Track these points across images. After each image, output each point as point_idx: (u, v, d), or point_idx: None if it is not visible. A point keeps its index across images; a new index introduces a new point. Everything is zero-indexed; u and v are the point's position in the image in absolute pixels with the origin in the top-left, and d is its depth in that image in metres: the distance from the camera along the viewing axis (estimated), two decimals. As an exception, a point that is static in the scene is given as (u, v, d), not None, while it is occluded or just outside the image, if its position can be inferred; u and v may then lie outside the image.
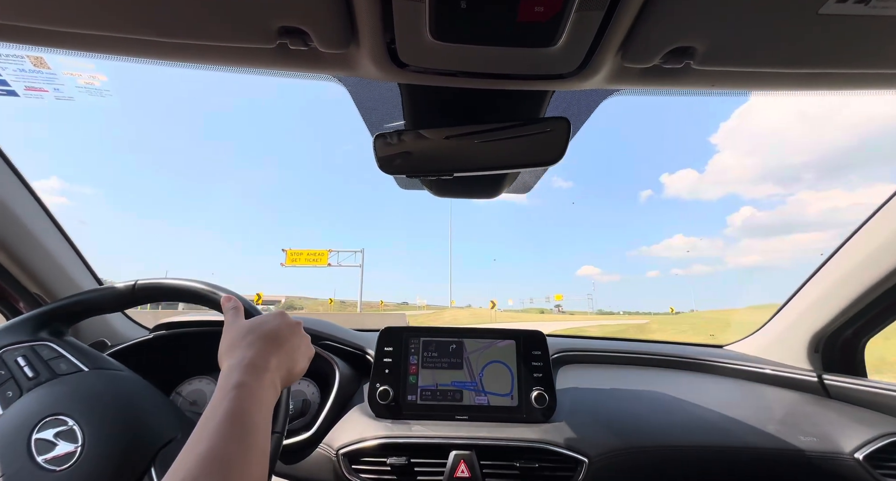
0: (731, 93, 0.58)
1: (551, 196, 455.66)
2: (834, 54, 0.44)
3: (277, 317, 0.59)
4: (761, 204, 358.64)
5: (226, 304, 0.62)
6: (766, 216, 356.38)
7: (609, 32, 0.42)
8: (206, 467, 0.37)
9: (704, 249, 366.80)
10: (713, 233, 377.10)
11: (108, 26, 0.44)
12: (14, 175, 0.83)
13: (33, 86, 0.69)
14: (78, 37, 0.47)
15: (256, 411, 0.44)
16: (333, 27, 0.43)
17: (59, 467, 0.50)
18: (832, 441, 0.84)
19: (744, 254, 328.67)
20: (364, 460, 0.80)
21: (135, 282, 0.70)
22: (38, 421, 0.53)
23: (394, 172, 0.72)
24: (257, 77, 0.59)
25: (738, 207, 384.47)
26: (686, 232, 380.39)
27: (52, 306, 0.68)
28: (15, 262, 0.86)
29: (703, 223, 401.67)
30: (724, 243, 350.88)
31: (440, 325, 0.98)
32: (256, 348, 0.51)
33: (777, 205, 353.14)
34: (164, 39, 0.45)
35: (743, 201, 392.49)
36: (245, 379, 0.46)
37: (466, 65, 0.49)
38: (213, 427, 0.41)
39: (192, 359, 0.95)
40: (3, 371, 0.59)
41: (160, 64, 0.55)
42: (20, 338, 0.63)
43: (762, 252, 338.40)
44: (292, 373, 0.55)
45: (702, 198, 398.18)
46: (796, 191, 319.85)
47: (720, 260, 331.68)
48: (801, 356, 1.13)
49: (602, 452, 0.80)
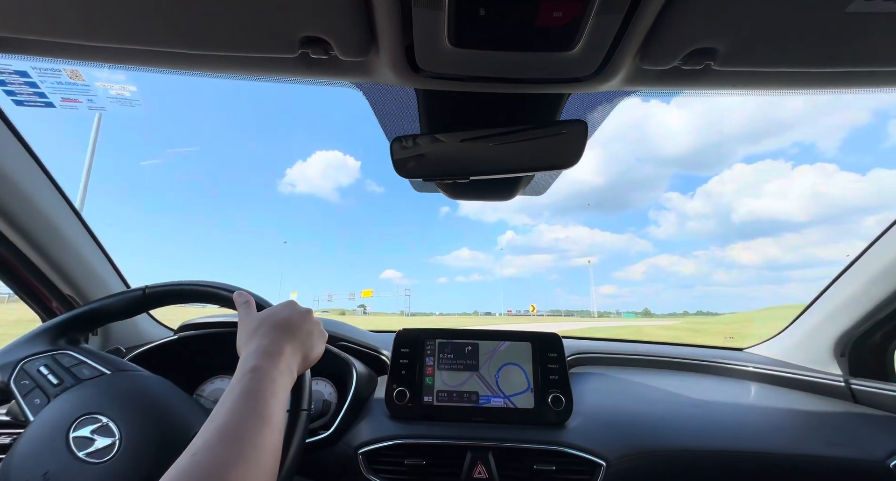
0: (751, 93, 0.57)
1: (365, 197, 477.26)
2: (861, 53, 0.43)
3: (288, 306, 0.61)
4: (518, 229, 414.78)
5: (237, 300, 0.64)
6: (521, 239, 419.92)
7: (628, 35, 0.42)
8: (221, 437, 0.40)
9: (482, 261, 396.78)
10: (488, 249, 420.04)
11: (138, 40, 0.46)
12: (48, 179, 0.86)
13: (69, 97, 0.72)
14: (110, 50, 0.49)
15: (269, 390, 0.46)
16: (354, 36, 0.44)
17: (101, 459, 0.53)
18: (862, 448, 0.81)
19: (506, 267, 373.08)
20: (383, 460, 0.81)
21: (145, 287, 0.72)
22: (73, 421, 0.56)
23: (410, 176, 0.73)
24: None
25: (505, 230, 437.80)
26: (471, 246, 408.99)
27: (66, 317, 0.70)
28: (49, 264, 0.90)
29: (483, 240, 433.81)
30: (494, 258, 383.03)
31: (449, 327, 0.98)
32: (270, 337, 0.54)
33: (528, 232, 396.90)
34: (191, 51, 0.47)
35: (508, 226, 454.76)
36: (259, 364, 0.49)
37: (484, 70, 0.49)
38: (229, 405, 0.43)
39: (215, 359, 0.98)
40: (27, 381, 0.61)
41: (187, 74, 0.57)
42: (39, 349, 0.65)
43: (517, 266, 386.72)
44: (308, 358, 0.58)
45: (483, 220, 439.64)
46: (539, 223, 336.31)
47: (491, 270, 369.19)
48: (825, 360, 1.10)
49: (621, 455, 0.80)
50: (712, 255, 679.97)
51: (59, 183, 0.88)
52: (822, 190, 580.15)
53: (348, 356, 0.98)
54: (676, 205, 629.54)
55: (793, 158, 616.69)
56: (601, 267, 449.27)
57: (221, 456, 0.38)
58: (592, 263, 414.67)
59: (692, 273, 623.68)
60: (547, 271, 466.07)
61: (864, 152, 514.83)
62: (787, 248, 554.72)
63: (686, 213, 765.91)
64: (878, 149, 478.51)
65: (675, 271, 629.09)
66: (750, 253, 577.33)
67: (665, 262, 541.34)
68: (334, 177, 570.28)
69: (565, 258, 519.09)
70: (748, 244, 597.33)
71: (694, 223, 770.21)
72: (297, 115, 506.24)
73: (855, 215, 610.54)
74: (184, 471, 0.36)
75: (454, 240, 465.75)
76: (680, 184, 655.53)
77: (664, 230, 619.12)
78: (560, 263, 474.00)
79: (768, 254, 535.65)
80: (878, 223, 0.92)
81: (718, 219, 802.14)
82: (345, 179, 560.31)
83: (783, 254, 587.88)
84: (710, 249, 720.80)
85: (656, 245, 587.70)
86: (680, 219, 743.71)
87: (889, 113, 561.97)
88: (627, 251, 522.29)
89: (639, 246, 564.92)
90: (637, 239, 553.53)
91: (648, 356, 1.20)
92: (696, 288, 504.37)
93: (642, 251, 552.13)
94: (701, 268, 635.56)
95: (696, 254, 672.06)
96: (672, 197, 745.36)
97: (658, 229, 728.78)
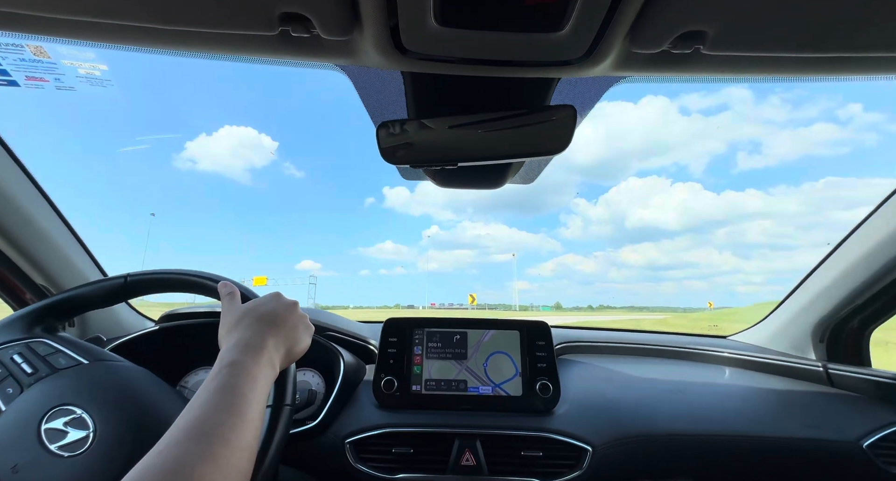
0: (740, 79, 0.57)
1: (283, 182, 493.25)
2: (853, 38, 0.43)
3: (273, 298, 0.59)
4: (443, 224, 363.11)
5: (222, 290, 0.62)
6: (445, 234, 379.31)
7: (618, 16, 0.41)
8: (188, 433, 0.37)
9: (405, 254, 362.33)
10: (412, 243, 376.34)
11: (105, 13, 0.43)
12: (15, 164, 0.82)
13: (34, 76, 0.68)
14: (74, 24, 0.46)
15: (247, 386, 0.44)
16: (336, 13, 0.42)
17: (73, 453, 0.51)
18: (837, 429, 0.84)
19: (430, 261, 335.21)
20: (370, 448, 0.81)
21: (126, 275, 0.69)
22: (46, 412, 0.54)
23: (397, 162, 0.72)
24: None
25: (429, 225, 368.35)
26: (395, 239, 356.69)
27: (42, 304, 0.67)
28: (20, 253, 0.87)
29: (408, 233, 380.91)
30: (418, 252, 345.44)
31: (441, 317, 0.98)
32: (253, 330, 0.52)
33: (452, 228, 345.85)
34: (163, 26, 0.45)
35: (433, 220, 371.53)
36: (238, 358, 0.47)
37: (471, 51, 0.48)
38: (202, 399, 0.41)
39: (198, 351, 0.96)
40: (0, 369, 0.59)
41: (159, 52, 0.54)
42: (13, 336, 0.62)
43: (440, 261, 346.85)
44: (292, 352, 0.56)
45: (410, 213, 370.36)
46: (463, 220, 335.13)
47: (414, 264, 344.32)
48: (805, 346, 1.13)
49: (606, 441, 0.81)
50: (608, 256, 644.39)
51: (28, 169, 0.84)
52: (690, 204, 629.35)
53: (335, 345, 0.97)
54: (583, 210, 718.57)
55: (672, 176, 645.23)
56: (516, 264, 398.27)
57: (187, 454, 0.36)
58: (516, 257, 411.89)
59: (592, 271, 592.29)
60: (468, 266, 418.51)
61: (720, 176, 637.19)
62: (664, 252, 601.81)
63: (590, 218, 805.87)
64: (729, 173, 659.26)
65: (578, 269, 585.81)
66: (636, 255, 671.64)
67: (571, 261, 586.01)
68: (246, 157, 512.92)
69: (486, 254, 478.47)
70: (635, 247, 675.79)
71: (595, 227, 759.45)
72: (203, 80, 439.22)
73: (712, 227, 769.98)
74: (146, 469, 0.34)
75: (379, 232, 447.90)
76: (586, 191, 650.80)
77: (572, 232, 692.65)
78: (480, 259, 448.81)
79: (650, 257, 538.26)
80: (728, 234, 0.95)
81: (614, 225, 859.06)
82: (258, 160, 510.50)
83: (660, 256, 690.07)
84: (606, 251, 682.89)
85: (564, 245, 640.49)
86: (585, 223, 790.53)
87: (738, 145, 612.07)
88: (540, 250, 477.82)
89: (550, 245, 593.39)
90: (549, 239, 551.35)
91: (634, 344, 1.22)
92: (595, 284, 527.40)
93: (552, 250, 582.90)
94: (599, 267, 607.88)
95: (595, 254, 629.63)
96: (580, 202, 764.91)
97: (567, 231, 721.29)
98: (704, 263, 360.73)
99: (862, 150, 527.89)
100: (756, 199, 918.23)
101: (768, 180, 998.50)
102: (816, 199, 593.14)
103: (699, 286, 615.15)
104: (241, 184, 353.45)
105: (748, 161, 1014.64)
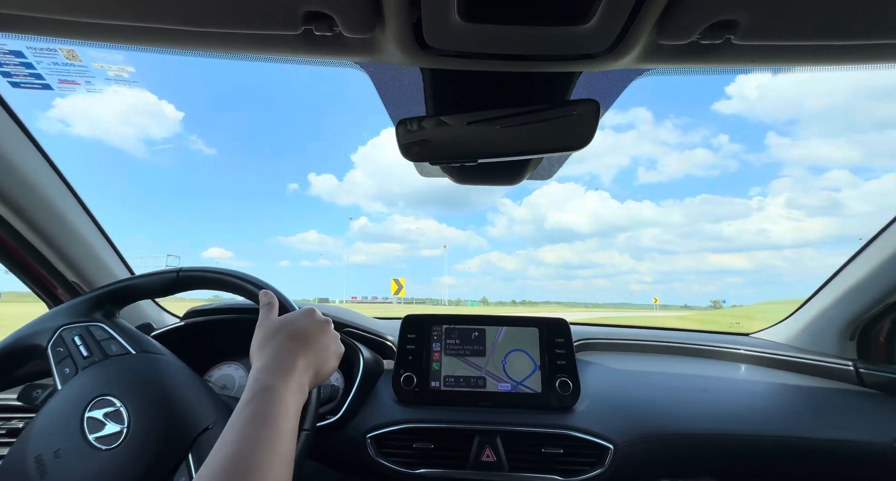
0: (771, 69, 0.55)
1: (189, 158, 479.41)
2: (892, 24, 0.41)
3: (307, 314, 0.59)
4: (373, 217, 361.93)
5: (262, 299, 0.63)
6: (375, 226, 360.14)
7: (647, 6, 0.40)
8: (229, 470, 0.39)
9: (330, 246, 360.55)
10: (339, 234, 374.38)
11: (132, 16, 0.44)
12: (49, 165, 0.85)
13: (66, 79, 0.71)
14: (105, 28, 0.47)
15: (282, 415, 0.45)
16: (359, 11, 0.42)
17: (107, 446, 0.53)
18: (869, 430, 0.81)
19: (356, 253, 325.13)
20: (391, 443, 0.82)
21: (179, 269, 0.73)
22: (91, 401, 0.56)
23: (416, 159, 0.72)
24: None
25: (359, 216, 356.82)
26: (320, 229, 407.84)
27: (105, 289, 0.72)
28: (54, 251, 0.90)
29: (335, 224, 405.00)
30: (344, 243, 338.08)
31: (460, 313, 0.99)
32: (285, 349, 0.52)
33: (382, 220, 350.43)
34: (186, 27, 0.45)
35: (363, 212, 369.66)
36: (271, 383, 0.47)
37: (494, 46, 0.47)
38: (238, 430, 0.42)
39: (221, 345, 0.98)
40: (62, 348, 0.63)
41: (183, 54, 0.55)
42: (77, 318, 0.67)
43: (368, 253, 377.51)
44: (320, 374, 0.56)
45: (337, 203, 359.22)
46: (393, 213, 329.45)
47: (340, 256, 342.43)
48: (833, 344, 1.10)
49: (628, 439, 0.80)
50: (528, 254, 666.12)
51: (60, 169, 0.87)
52: (599, 211, 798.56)
53: (355, 342, 0.98)
54: (508, 210, 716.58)
55: (586, 184, 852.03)
56: (445, 259, 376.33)
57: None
58: (447, 249, 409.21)
59: (514, 268, 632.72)
60: (396, 260, 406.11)
61: (624, 187, 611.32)
62: (576, 253, 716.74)
63: (514, 218, 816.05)
64: (631, 185, 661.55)
65: (501, 266, 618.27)
66: (553, 254, 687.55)
67: (495, 258, 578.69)
68: (141, 125, 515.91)
69: (415, 248, 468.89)
70: (553, 247, 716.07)
71: (519, 227, 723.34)
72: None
73: (615, 231, 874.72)
74: None
75: (302, 220, 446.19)
76: (512, 192, 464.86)
77: (497, 230, 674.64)
78: (409, 253, 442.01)
79: (564, 257, 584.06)
80: (627, 238, 0.91)
81: (535, 226, 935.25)
82: (157, 130, 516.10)
83: (573, 256, 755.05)
84: (527, 249, 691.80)
85: (490, 242, 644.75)
86: (510, 223, 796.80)
87: (639, 160, 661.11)
88: (467, 246, 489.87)
89: (476, 242, 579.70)
90: (476, 236, 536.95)
91: (655, 341, 1.20)
92: (516, 281, 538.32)
93: (478, 247, 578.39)
94: (520, 265, 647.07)
95: (518, 252, 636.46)
96: (506, 202, 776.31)
97: (493, 229, 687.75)
98: (608, 264, 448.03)
99: (727, 174, 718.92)
100: (650, 209, 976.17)
101: (660, 194, 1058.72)
102: (694, 213, 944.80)
103: (604, 284, 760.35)
104: (134, 157, 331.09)
105: (646, 175, 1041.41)
